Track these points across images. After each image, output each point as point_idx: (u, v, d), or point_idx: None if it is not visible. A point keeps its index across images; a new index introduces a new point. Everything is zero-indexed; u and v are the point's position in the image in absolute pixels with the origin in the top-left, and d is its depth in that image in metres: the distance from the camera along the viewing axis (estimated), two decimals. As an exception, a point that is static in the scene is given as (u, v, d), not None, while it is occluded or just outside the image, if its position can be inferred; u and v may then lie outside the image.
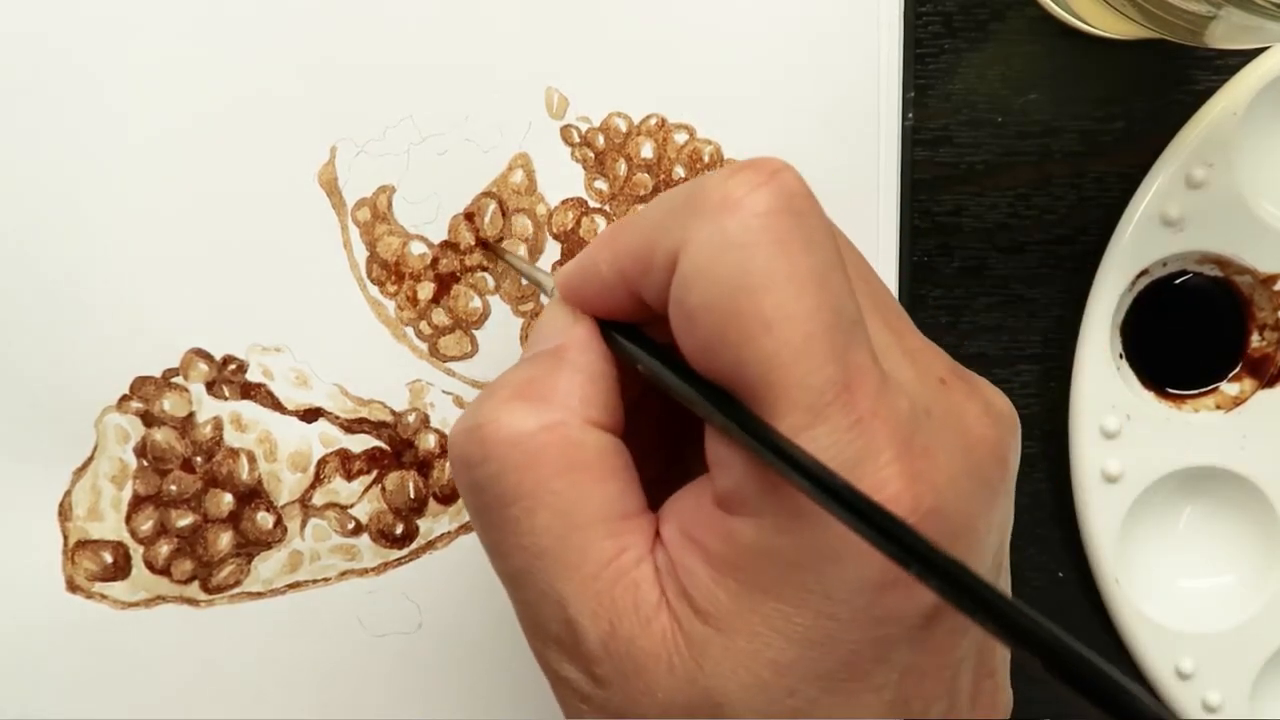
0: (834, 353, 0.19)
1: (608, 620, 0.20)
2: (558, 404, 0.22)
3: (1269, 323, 0.34)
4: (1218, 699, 0.34)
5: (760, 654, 0.20)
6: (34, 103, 0.30)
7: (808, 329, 0.19)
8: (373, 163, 0.31)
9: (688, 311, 0.20)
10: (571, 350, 0.23)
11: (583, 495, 0.21)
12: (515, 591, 0.22)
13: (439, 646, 0.32)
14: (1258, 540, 0.35)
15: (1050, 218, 0.34)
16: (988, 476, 0.22)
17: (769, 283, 0.19)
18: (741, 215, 0.20)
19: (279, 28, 0.30)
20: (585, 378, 0.22)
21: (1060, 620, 0.35)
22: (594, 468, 0.21)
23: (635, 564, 0.21)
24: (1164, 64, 0.33)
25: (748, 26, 0.31)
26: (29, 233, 0.30)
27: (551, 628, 0.21)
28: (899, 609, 0.20)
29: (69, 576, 0.31)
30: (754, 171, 0.20)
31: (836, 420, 0.19)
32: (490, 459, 0.21)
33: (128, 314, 0.31)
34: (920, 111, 0.33)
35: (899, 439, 0.20)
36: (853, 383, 0.19)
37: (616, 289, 0.22)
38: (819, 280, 0.20)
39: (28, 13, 0.30)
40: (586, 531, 0.21)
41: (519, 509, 0.21)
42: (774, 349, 0.19)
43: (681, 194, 0.21)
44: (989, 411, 0.22)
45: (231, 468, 0.31)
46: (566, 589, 0.21)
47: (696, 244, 0.20)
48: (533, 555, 0.21)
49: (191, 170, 0.31)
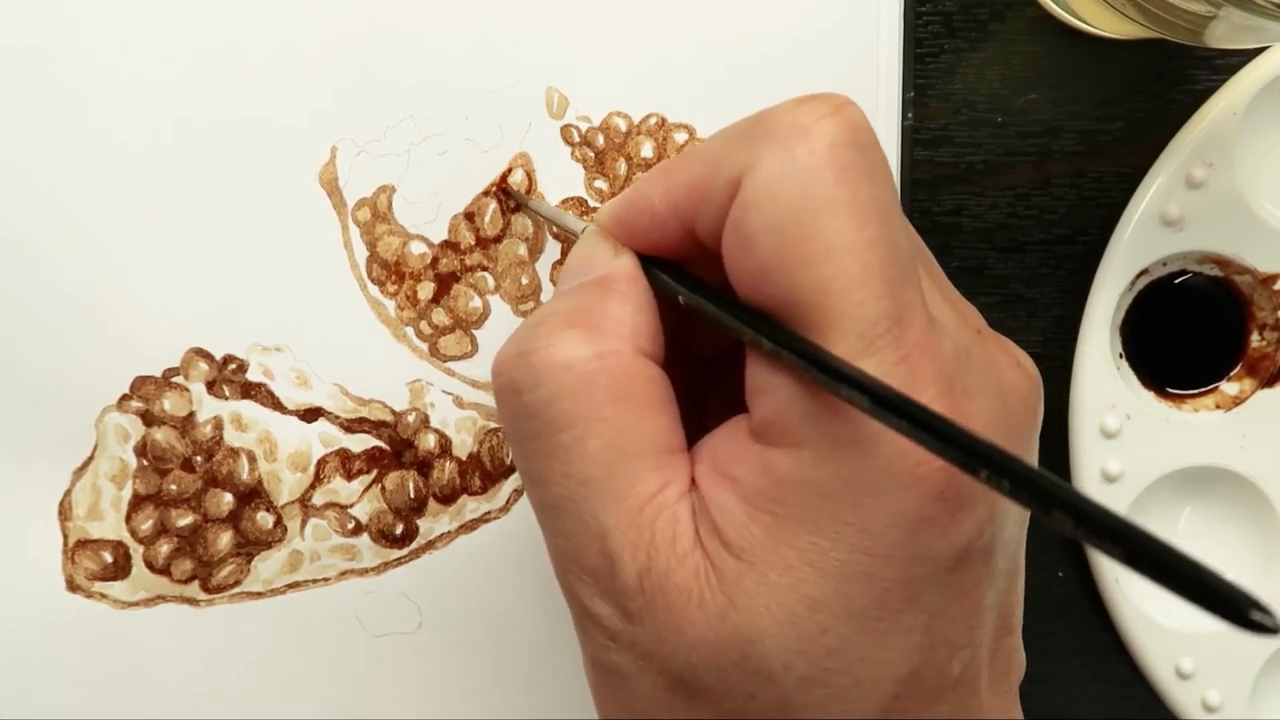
0: (888, 286, 0.19)
1: (645, 554, 0.20)
2: (611, 332, 0.22)
3: (1269, 322, 0.34)
4: (1218, 699, 0.34)
5: (794, 588, 0.20)
6: (35, 103, 0.30)
7: (866, 259, 0.19)
8: (373, 163, 0.31)
9: (747, 234, 0.20)
10: (620, 281, 0.23)
11: (634, 425, 0.21)
12: (553, 521, 0.22)
13: (439, 646, 0.32)
14: (1258, 540, 0.35)
15: (1050, 218, 0.34)
16: (1019, 425, 0.22)
17: (832, 209, 0.19)
18: (810, 142, 0.20)
19: (280, 28, 0.30)
20: (635, 307, 0.22)
21: (1060, 620, 0.35)
22: (645, 398, 0.21)
23: (677, 499, 0.21)
24: (1164, 64, 0.33)
25: (748, 26, 0.31)
26: (30, 233, 0.30)
27: (588, 560, 0.21)
28: (933, 547, 0.20)
29: (69, 576, 0.31)
30: (822, 102, 0.20)
31: (886, 353, 0.19)
32: (542, 384, 0.21)
33: (128, 313, 0.31)
34: (920, 111, 0.33)
35: (943, 377, 0.20)
36: (904, 318, 0.20)
37: (668, 221, 0.22)
38: (880, 213, 0.20)
39: (30, 13, 0.30)
40: (636, 462, 0.21)
41: (569, 435, 0.21)
42: (832, 275, 0.19)
43: (746, 123, 0.21)
44: (1020, 365, 0.23)
45: (231, 467, 0.31)
46: (609, 519, 0.21)
47: (762, 167, 0.20)
48: (578, 483, 0.21)
49: (192, 170, 0.31)
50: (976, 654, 0.22)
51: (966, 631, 0.21)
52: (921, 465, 0.19)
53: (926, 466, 0.19)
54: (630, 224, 0.23)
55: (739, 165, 0.20)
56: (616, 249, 0.23)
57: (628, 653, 0.21)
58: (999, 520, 0.21)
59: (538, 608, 0.32)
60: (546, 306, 0.23)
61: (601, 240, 0.24)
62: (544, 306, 0.23)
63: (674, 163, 0.23)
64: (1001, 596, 0.22)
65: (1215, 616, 0.14)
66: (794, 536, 0.20)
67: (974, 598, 0.21)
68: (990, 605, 0.22)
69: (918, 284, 0.20)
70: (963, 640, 0.21)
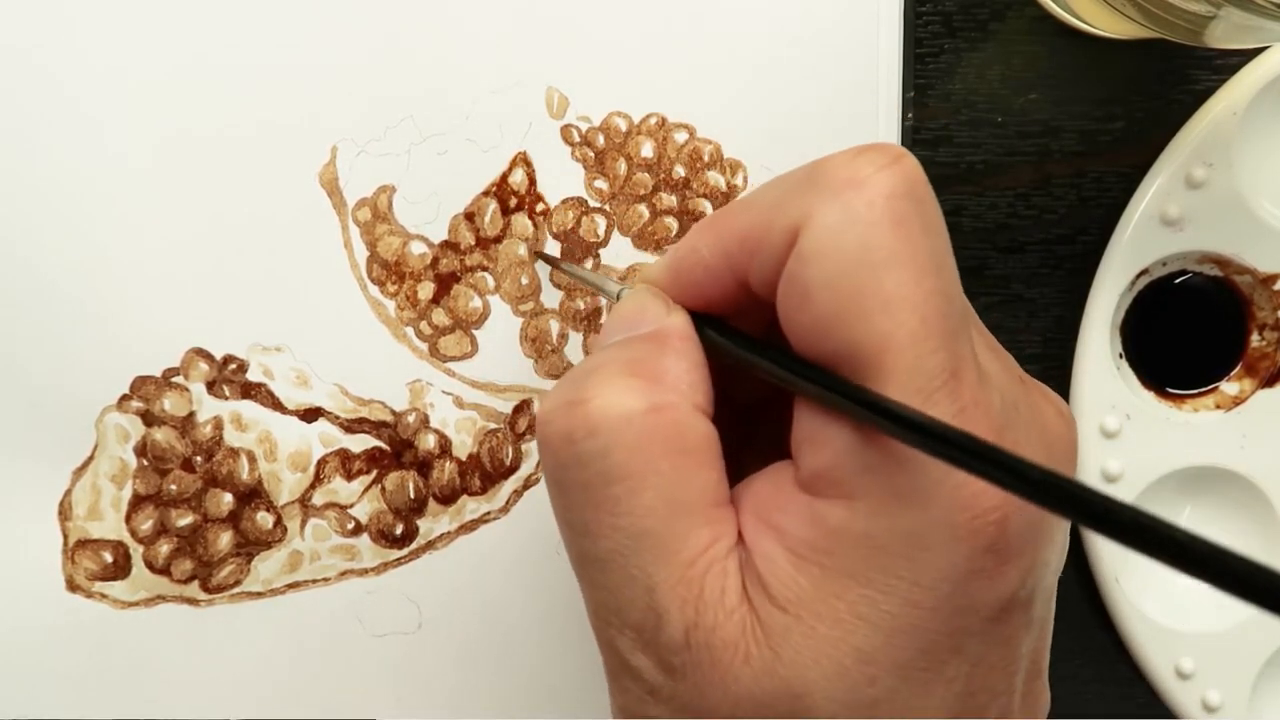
0: (945, 340, 0.19)
1: (694, 609, 0.20)
2: (668, 386, 0.22)
3: (1269, 322, 0.34)
4: (1218, 699, 0.34)
5: (844, 641, 0.20)
6: (34, 104, 0.30)
7: (924, 313, 0.19)
8: (373, 163, 0.31)
9: (804, 287, 0.20)
10: (674, 337, 0.22)
11: (688, 479, 0.21)
12: (595, 575, 0.21)
13: (439, 646, 0.32)
14: (1258, 540, 0.35)
15: (1050, 218, 0.34)
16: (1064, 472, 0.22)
17: (890, 263, 0.19)
18: (868, 194, 0.20)
19: (280, 28, 0.30)
20: (690, 364, 0.22)
21: (1060, 620, 0.35)
22: (699, 453, 0.21)
23: (727, 553, 0.21)
24: (1164, 64, 0.33)
25: (748, 26, 0.31)
26: (30, 233, 0.30)
27: (632, 614, 0.21)
28: (979, 598, 0.20)
29: (69, 576, 0.31)
30: (879, 154, 0.20)
31: (944, 406, 0.19)
32: (597, 434, 0.21)
33: (128, 313, 0.31)
34: (920, 111, 0.33)
35: (995, 430, 0.20)
36: (959, 371, 0.20)
37: (720, 272, 0.22)
38: (936, 266, 0.20)
39: (29, 16, 0.30)
40: (689, 517, 0.21)
41: (622, 488, 0.21)
42: (891, 329, 0.19)
43: (801, 173, 0.21)
44: (1062, 413, 0.23)
45: (231, 467, 0.31)
46: (659, 574, 0.20)
47: (819, 219, 0.20)
48: (628, 536, 0.21)
49: (192, 171, 0.31)
50: (1011, 699, 0.22)
51: (1004, 679, 0.21)
52: (977, 518, 0.19)
53: (982, 520, 0.19)
54: (681, 277, 0.23)
55: (795, 217, 0.20)
56: (669, 306, 0.23)
57: (666, 706, 0.21)
58: (1039, 570, 0.21)
59: (538, 608, 0.32)
60: (597, 357, 0.22)
61: (653, 296, 0.23)
62: (594, 357, 0.23)
63: (724, 214, 0.22)
64: (1036, 642, 0.22)
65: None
66: (844, 589, 0.20)
67: (1013, 646, 0.21)
68: (1026, 652, 0.22)
69: (970, 337, 0.20)
70: (1000, 687, 0.21)
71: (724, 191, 0.32)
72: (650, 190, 0.32)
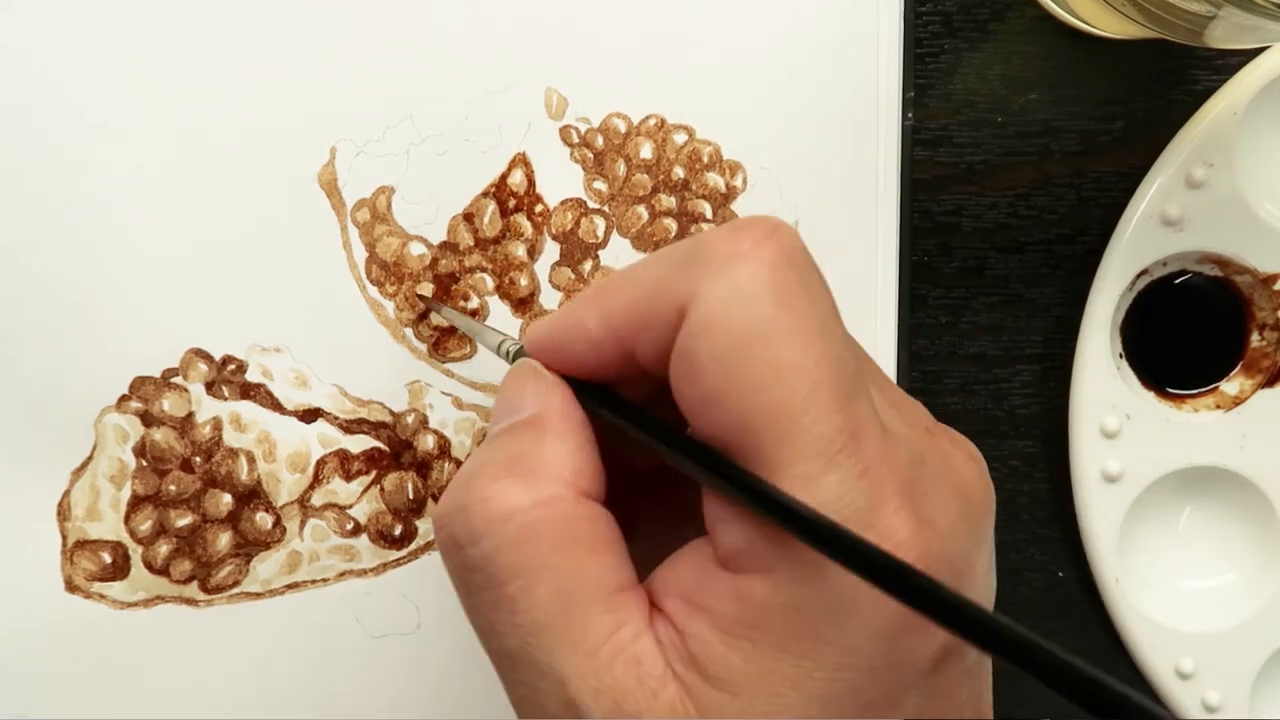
0: (840, 402, 0.20)
1: (610, 697, 0.20)
2: (550, 477, 0.21)
3: (1269, 322, 0.34)
4: (1218, 699, 0.34)
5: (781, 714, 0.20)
6: (34, 103, 0.30)
7: (815, 377, 0.19)
8: (372, 163, 0.31)
9: (695, 363, 0.20)
10: (554, 419, 0.22)
11: (581, 569, 0.21)
12: (509, 671, 0.22)
13: (438, 647, 0.32)
14: (1258, 540, 0.35)
15: (1050, 218, 0.34)
16: (979, 518, 0.22)
17: (778, 332, 0.20)
18: (750, 267, 0.20)
19: (279, 28, 0.30)
20: (572, 447, 0.22)
21: (1060, 620, 0.35)
22: (590, 541, 0.21)
23: (634, 638, 0.21)
24: (1164, 64, 0.33)
25: (747, 26, 0.31)
26: (29, 234, 0.30)
27: (550, 706, 0.21)
28: (912, 653, 0.20)
29: (68, 576, 0.31)
30: (757, 227, 0.21)
31: (847, 468, 0.19)
32: (483, 537, 0.21)
33: (127, 314, 0.31)
34: (920, 111, 0.33)
35: (903, 486, 0.20)
36: (859, 431, 0.20)
37: (605, 347, 0.22)
38: (823, 331, 0.20)
39: (29, 18, 0.30)
40: (586, 606, 0.21)
41: (515, 586, 0.21)
42: (783, 397, 0.19)
43: (683, 250, 0.21)
44: (972, 457, 0.23)
45: (230, 468, 0.31)
46: (567, 666, 0.20)
47: (706, 295, 0.20)
48: (530, 633, 0.21)
49: (192, 171, 0.30)
50: None
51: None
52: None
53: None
54: (564, 350, 0.23)
55: (682, 293, 0.20)
56: (549, 384, 0.23)
57: None
58: None
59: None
60: (481, 454, 0.22)
61: (531, 375, 0.23)
62: (478, 453, 0.22)
63: (608, 288, 0.22)
64: (975, 686, 0.22)
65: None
66: (776, 661, 0.20)
67: (952, 695, 0.21)
68: (966, 700, 0.22)
69: (868, 396, 0.20)
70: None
71: (723, 192, 0.32)
72: (649, 191, 0.32)
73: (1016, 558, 0.35)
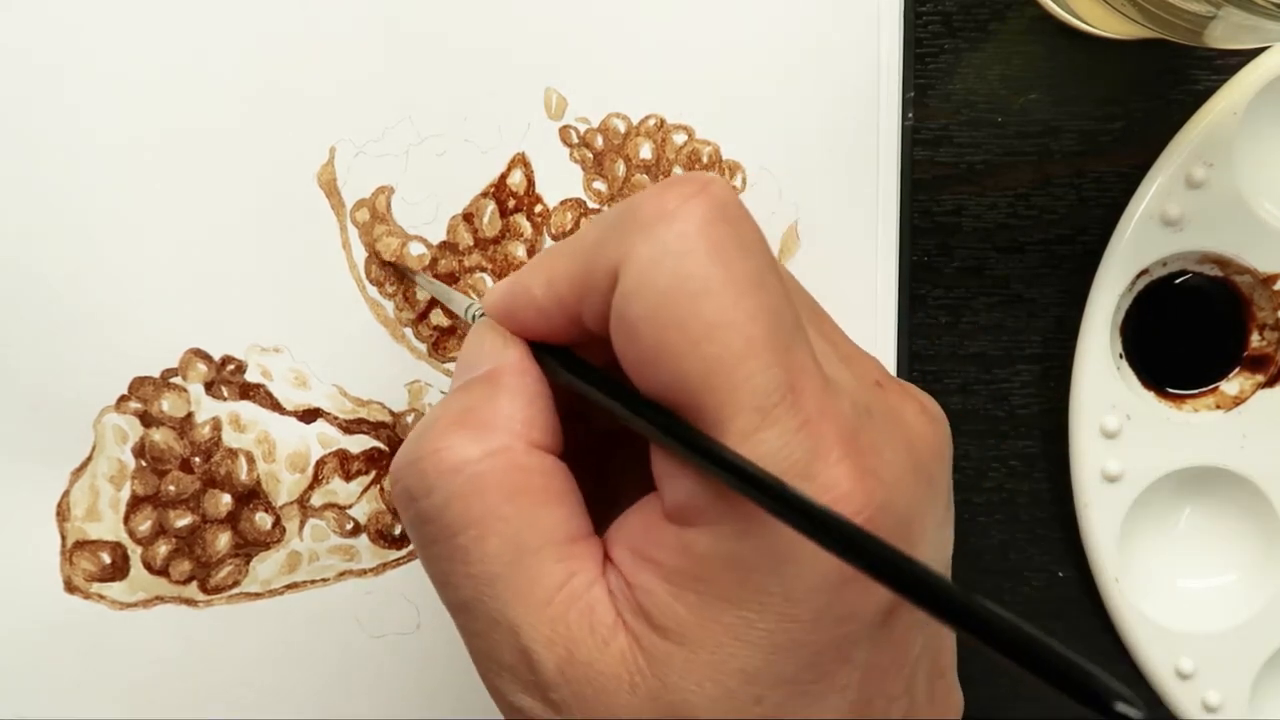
0: (776, 355, 0.19)
1: (563, 646, 0.20)
2: (500, 429, 0.22)
3: (1269, 322, 0.34)
4: (1218, 699, 0.34)
5: (725, 664, 0.20)
6: (34, 103, 0.30)
7: (749, 332, 0.19)
8: (372, 163, 0.31)
9: (630, 325, 0.20)
10: (507, 374, 0.22)
11: (532, 519, 0.21)
12: (465, 622, 0.22)
13: (437, 647, 0.32)
14: (1258, 540, 0.35)
15: (1050, 218, 0.34)
16: (931, 473, 0.22)
17: (708, 288, 0.20)
18: (677, 225, 0.20)
19: (279, 29, 0.30)
20: (525, 400, 0.22)
21: (1060, 620, 0.35)
22: (542, 491, 0.21)
23: (587, 587, 0.21)
24: (1164, 64, 0.33)
25: (747, 26, 0.31)
26: (28, 234, 0.30)
27: (505, 656, 0.21)
28: (858, 605, 0.20)
29: (67, 577, 0.31)
30: (686, 184, 0.21)
31: (786, 422, 0.19)
32: (435, 489, 0.21)
33: (126, 314, 0.31)
34: (920, 111, 0.33)
35: (845, 437, 0.20)
36: (797, 384, 0.20)
37: (552, 313, 0.22)
38: (757, 284, 0.20)
39: (28, 19, 0.30)
40: (537, 556, 0.21)
41: (467, 537, 0.21)
42: (717, 353, 0.19)
43: (614, 213, 0.21)
44: (925, 411, 0.23)
45: (230, 468, 0.31)
46: (519, 615, 0.21)
47: (635, 257, 0.20)
48: (483, 583, 0.21)
49: (191, 171, 0.30)
50: (913, 702, 0.22)
51: (900, 681, 0.21)
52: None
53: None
54: (516, 315, 0.23)
55: (614, 256, 0.20)
56: (506, 340, 0.23)
57: None
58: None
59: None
60: (436, 409, 0.23)
61: (489, 331, 0.23)
62: (434, 408, 0.23)
63: (551, 255, 0.23)
64: (932, 644, 0.22)
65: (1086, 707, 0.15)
66: (721, 612, 0.20)
67: (904, 648, 0.21)
68: (921, 654, 0.22)
69: (808, 348, 0.20)
70: (897, 691, 0.21)
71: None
72: (649, 191, 0.32)
73: (1016, 558, 0.35)
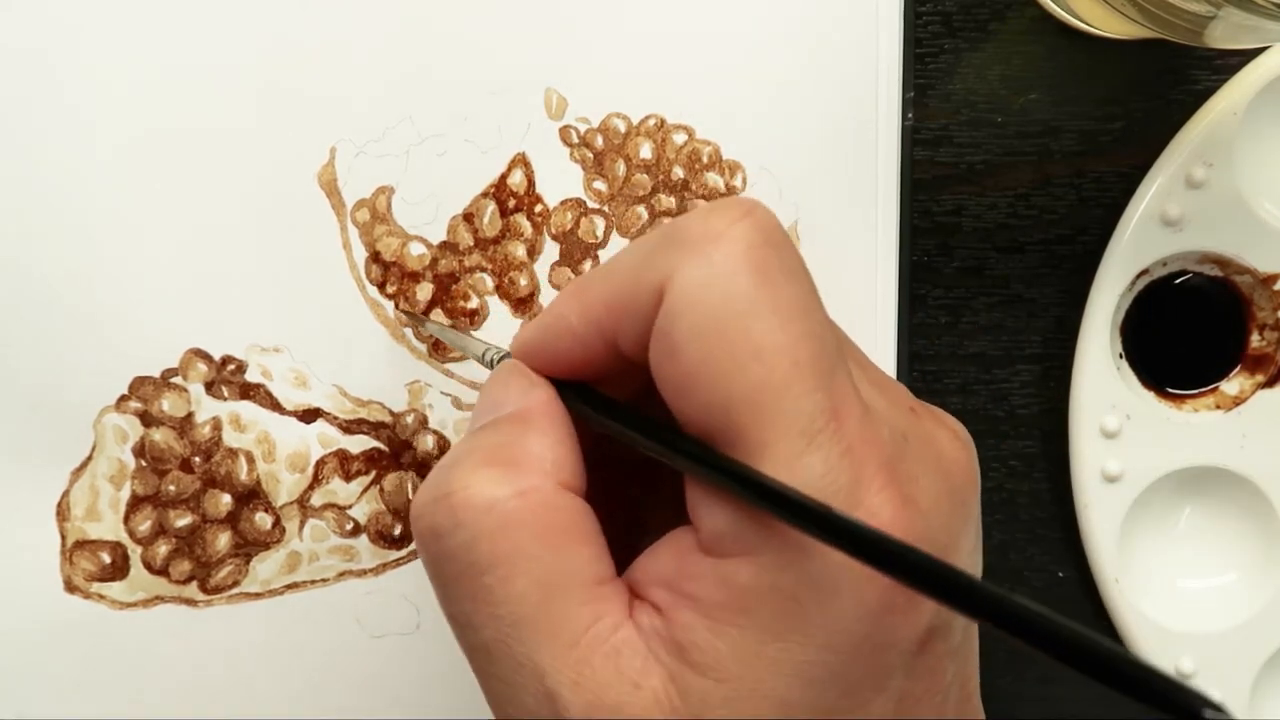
0: (820, 380, 0.19)
1: (590, 690, 0.20)
2: (531, 468, 0.21)
3: (1269, 323, 0.34)
4: (1218, 699, 0.34)
5: (765, 698, 0.19)
6: (33, 104, 0.30)
7: (795, 356, 0.19)
8: (372, 163, 0.31)
9: (674, 344, 0.20)
10: (537, 414, 0.22)
11: (560, 561, 0.21)
12: (485, 665, 0.21)
13: (437, 647, 0.32)
14: (1258, 540, 0.35)
15: (1050, 218, 0.34)
16: (964, 498, 0.22)
17: (756, 310, 0.20)
18: (725, 247, 0.20)
19: (279, 29, 0.30)
20: (554, 440, 0.22)
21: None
22: (570, 532, 0.21)
23: (614, 629, 0.20)
24: (1164, 64, 0.33)
25: (747, 26, 0.31)
26: (28, 234, 0.30)
27: (528, 701, 0.21)
28: (897, 634, 0.20)
29: (67, 577, 0.31)
30: (732, 208, 0.21)
31: (830, 448, 0.19)
32: (462, 526, 0.21)
33: (127, 314, 0.31)
34: (920, 111, 0.33)
35: (886, 466, 0.20)
36: (840, 410, 0.20)
37: (590, 340, 0.22)
38: (802, 310, 0.20)
39: (28, 19, 0.30)
40: (565, 597, 0.20)
41: (493, 577, 0.20)
42: (764, 376, 0.19)
43: (656, 236, 0.21)
44: (958, 436, 0.23)
45: (230, 468, 0.31)
46: (545, 658, 0.20)
47: (683, 275, 0.20)
48: (508, 625, 0.20)
49: (191, 171, 0.30)
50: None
51: (933, 709, 0.21)
52: None
53: None
54: (549, 347, 0.23)
55: (659, 276, 0.20)
56: (531, 381, 0.23)
57: None
58: None
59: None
60: (461, 446, 0.22)
61: (515, 374, 0.23)
62: (459, 446, 0.22)
63: (588, 280, 0.22)
64: (961, 668, 0.22)
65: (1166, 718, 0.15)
66: (762, 645, 0.20)
67: (938, 675, 0.21)
68: (952, 680, 0.22)
69: (848, 374, 0.20)
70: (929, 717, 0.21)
71: (723, 193, 0.32)
72: (649, 192, 0.32)
73: (1016, 558, 0.35)
